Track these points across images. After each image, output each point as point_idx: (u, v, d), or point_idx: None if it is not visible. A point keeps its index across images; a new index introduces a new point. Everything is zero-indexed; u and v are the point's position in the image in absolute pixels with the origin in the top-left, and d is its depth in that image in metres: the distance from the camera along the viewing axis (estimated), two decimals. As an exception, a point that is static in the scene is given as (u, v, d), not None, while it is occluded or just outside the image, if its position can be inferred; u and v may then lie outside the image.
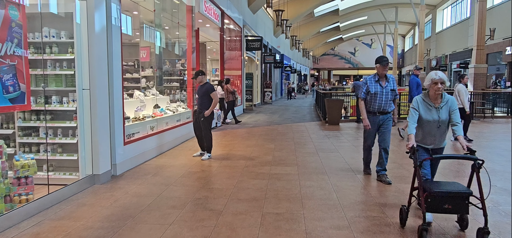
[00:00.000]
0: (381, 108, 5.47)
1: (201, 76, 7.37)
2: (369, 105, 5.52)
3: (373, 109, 5.50)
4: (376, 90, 5.43)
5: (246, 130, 11.32)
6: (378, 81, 5.48)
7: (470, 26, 29.41)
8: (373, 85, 5.48)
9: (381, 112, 5.50)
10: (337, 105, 12.49)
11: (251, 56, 20.38)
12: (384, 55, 5.69)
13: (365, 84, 5.54)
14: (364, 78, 5.65)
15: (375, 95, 5.43)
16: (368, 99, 5.52)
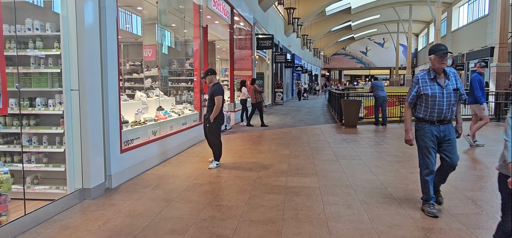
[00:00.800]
0: (442, 115, 3.98)
1: (211, 76, 6.60)
2: (423, 111, 4.05)
3: (431, 117, 4.01)
4: (434, 91, 3.95)
5: (258, 134, 10.52)
6: (435, 78, 3.97)
7: (488, 23, 28.18)
8: (427, 84, 3.98)
9: (442, 121, 4.02)
10: (355, 106, 11.62)
11: (262, 55, 19.58)
12: (442, 43, 4.16)
13: (416, 84, 4.06)
14: (416, 74, 4.16)
15: (432, 99, 3.95)
16: (422, 104, 4.05)
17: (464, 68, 31.88)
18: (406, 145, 8.43)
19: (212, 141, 6.44)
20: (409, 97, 4.15)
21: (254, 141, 9.23)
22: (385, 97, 12.11)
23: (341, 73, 62.90)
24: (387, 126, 11.94)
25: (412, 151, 7.63)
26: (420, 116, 4.10)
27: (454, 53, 34.47)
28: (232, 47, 12.97)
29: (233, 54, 13.04)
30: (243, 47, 15.59)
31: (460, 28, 34.54)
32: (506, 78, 18.38)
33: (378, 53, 56.02)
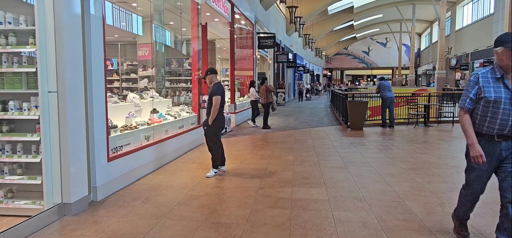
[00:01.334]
0: (506, 128, 2.99)
1: (211, 75, 6.04)
2: (480, 121, 3.10)
3: (490, 130, 3.05)
4: (499, 95, 2.96)
5: (260, 137, 9.97)
6: (502, 78, 2.97)
7: (494, 22, 27.56)
8: (491, 85, 3.01)
9: (506, 137, 3.02)
10: (361, 108, 11.06)
11: (263, 54, 19.03)
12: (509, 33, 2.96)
13: (476, 84, 3.07)
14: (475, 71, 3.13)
15: (495, 105, 2.99)
16: (479, 112, 3.09)
17: (469, 68, 31.25)
18: (419, 149, 8.12)
19: (210, 146, 5.88)
20: (466, 101, 3.12)
21: (256, 145, 8.67)
22: (393, 98, 11.53)
23: (343, 73, 62.31)
24: (395, 128, 11.37)
25: (425, 157, 7.06)
26: (481, 130, 3.11)
27: (458, 53, 33.85)
28: (232, 46, 12.42)
29: (234, 53, 12.49)
30: (244, 46, 15.04)
31: (464, 27, 33.91)
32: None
33: (380, 53, 55.40)
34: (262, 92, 11.74)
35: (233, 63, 12.43)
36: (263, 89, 11.73)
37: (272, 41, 16.39)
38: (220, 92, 5.80)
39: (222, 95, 5.83)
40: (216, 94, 5.76)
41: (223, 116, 5.96)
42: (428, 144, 8.63)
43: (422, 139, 9.30)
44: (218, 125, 5.89)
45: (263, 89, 11.74)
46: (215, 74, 6.06)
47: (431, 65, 42.53)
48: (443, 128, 11.42)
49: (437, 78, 28.12)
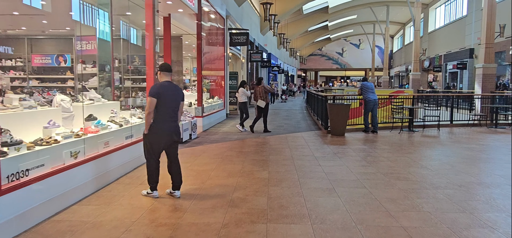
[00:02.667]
0: None
1: (159, 73, 4.64)
2: None
3: None
4: None
5: (229, 145, 8.55)
6: None
7: (467, 25, 27.35)
8: None
9: None
10: (343, 111, 9.84)
11: (236, 52, 17.61)
12: None
13: None
14: None
15: None
16: None
17: (442, 70, 31.05)
18: (413, 161, 6.64)
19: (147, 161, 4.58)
20: None
21: (224, 156, 7.24)
22: (376, 101, 10.41)
23: (317, 74, 61.75)
24: (378, 134, 10.25)
25: (424, 172, 5.87)
26: None
27: (431, 55, 33.67)
28: (200, 41, 10.93)
29: (202, 50, 11.00)
30: (214, 43, 13.58)
31: (437, 29, 33.78)
32: (492, 79, 17.20)
33: (354, 54, 55.13)
34: (260, 92, 10.41)
35: (201, 60, 10.94)
36: (261, 89, 10.41)
37: (245, 38, 15.01)
38: (156, 92, 4.39)
39: (161, 96, 4.41)
40: (151, 94, 4.39)
41: (168, 125, 4.51)
42: (420, 153, 7.49)
43: (411, 147, 8.17)
44: (154, 137, 4.49)
45: (261, 90, 10.42)
46: (165, 71, 4.60)
47: (403, 67, 42.44)
48: (429, 134, 10.41)
49: (412, 80, 27.62)
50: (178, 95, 4.64)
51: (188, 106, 10.91)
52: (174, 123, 4.59)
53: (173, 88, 4.59)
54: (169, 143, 4.59)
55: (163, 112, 4.45)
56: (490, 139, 9.37)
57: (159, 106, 4.44)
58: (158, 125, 4.44)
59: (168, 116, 4.50)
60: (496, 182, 5.31)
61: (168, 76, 4.64)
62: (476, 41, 25.79)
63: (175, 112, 4.59)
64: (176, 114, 4.62)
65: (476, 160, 6.93)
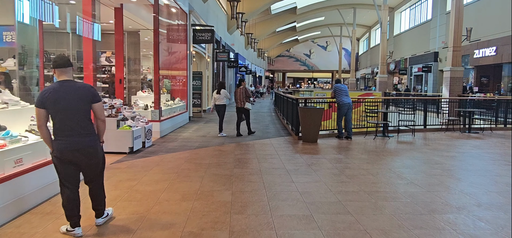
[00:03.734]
0: None
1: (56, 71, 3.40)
2: None
3: None
4: None
5: (189, 155, 7.39)
6: None
7: (431, 28, 27.62)
8: None
9: None
10: (315, 116, 8.94)
11: (200, 51, 16.39)
12: None
13: None
14: None
15: None
16: None
17: (407, 73, 31.29)
18: (398, 176, 5.56)
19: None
20: None
21: (179, 170, 6.09)
22: (350, 104, 9.62)
23: (285, 75, 61.36)
24: (352, 140, 9.46)
25: (411, 189, 5.03)
26: None
27: (397, 58, 33.95)
28: (157, 36, 9.68)
29: (159, 46, 9.74)
30: (175, 39, 12.33)
31: (403, 32, 34.11)
32: (459, 82, 17.06)
33: (321, 56, 55.16)
34: (240, 95, 9.88)
35: (158, 57, 9.68)
36: (241, 92, 9.88)
37: (209, 35, 13.85)
38: (40, 101, 3.27)
39: (51, 103, 3.26)
40: (36, 104, 3.28)
41: (72, 140, 3.33)
42: (402, 164, 6.70)
43: (390, 156, 7.39)
44: (56, 159, 3.34)
45: (241, 92, 9.87)
46: (61, 67, 3.36)
47: (369, 69, 42.78)
48: (405, 139, 9.75)
49: (379, 82, 27.52)
50: (81, 97, 3.36)
51: (143, 109, 9.63)
52: (81, 138, 3.36)
53: (71, 90, 3.33)
54: (83, 164, 3.42)
55: (61, 124, 3.29)
56: (468, 146, 8.81)
57: (53, 116, 3.28)
58: (59, 143, 3.29)
59: (70, 128, 3.30)
60: (496, 203, 4.54)
61: (67, 73, 3.39)
62: (441, 45, 26.08)
63: (82, 122, 3.37)
64: (85, 124, 3.40)
65: (464, 173, 6.21)
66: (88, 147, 3.40)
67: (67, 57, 3.47)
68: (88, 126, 3.42)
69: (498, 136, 10.72)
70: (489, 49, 20.35)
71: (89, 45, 5.65)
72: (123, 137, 7.22)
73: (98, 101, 3.50)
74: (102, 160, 3.61)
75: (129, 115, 7.89)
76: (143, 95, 10.28)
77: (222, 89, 10.01)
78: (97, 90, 3.67)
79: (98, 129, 3.56)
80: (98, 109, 3.51)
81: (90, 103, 3.43)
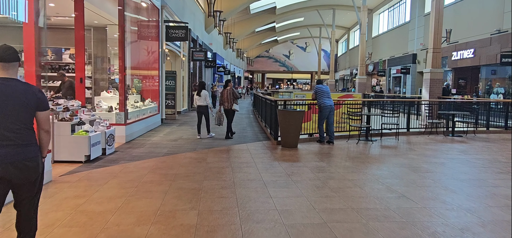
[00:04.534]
0: None
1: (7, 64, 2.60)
2: None
3: None
4: None
5: (155, 164, 6.55)
6: None
7: (410, 30, 27.58)
8: None
9: None
10: (295, 120, 8.25)
11: (174, 49, 15.46)
12: None
13: None
14: None
15: None
16: None
17: (386, 74, 31.23)
18: (386, 187, 4.89)
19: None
20: None
21: (140, 183, 5.25)
22: (333, 107, 9.00)
23: (264, 76, 60.77)
24: (334, 145, 8.84)
25: (404, 204, 4.38)
26: None
27: (375, 59, 33.90)
28: (122, 32, 8.76)
29: (124, 42, 8.81)
30: (145, 36, 11.41)
31: (381, 34, 34.09)
32: (439, 84, 16.83)
33: (300, 57, 54.88)
34: (228, 97, 9.54)
35: (123, 55, 8.76)
36: (229, 93, 9.53)
37: (184, 33, 12.96)
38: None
39: None
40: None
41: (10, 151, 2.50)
42: (390, 173, 6.08)
43: (376, 164, 6.78)
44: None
45: (229, 94, 9.53)
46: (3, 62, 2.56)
47: (348, 71, 42.72)
48: (389, 144, 9.22)
49: (358, 83, 27.27)
50: (24, 102, 2.59)
51: (107, 111, 8.70)
52: (18, 149, 2.55)
53: (12, 91, 2.55)
54: (16, 181, 2.58)
55: None
56: (455, 151, 8.34)
57: None
58: None
59: (5, 137, 2.49)
60: (500, 221, 3.96)
61: (9, 70, 2.58)
62: (419, 47, 26.04)
63: (21, 131, 2.56)
64: (25, 133, 2.58)
65: (457, 183, 5.64)
66: (26, 159, 2.57)
67: (12, 49, 2.63)
68: (29, 136, 2.60)
69: (482, 139, 10.36)
70: (467, 51, 20.31)
71: (31, 34, 4.73)
72: (78, 144, 6.30)
73: (45, 109, 2.70)
74: (40, 178, 2.78)
75: (88, 119, 6.98)
76: (107, 96, 9.33)
77: (203, 90, 9.55)
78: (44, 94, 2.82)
79: (40, 141, 2.74)
80: (43, 119, 2.70)
81: (34, 110, 2.62)
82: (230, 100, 9.51)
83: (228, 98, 9.52)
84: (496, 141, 9.99)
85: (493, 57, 18.12)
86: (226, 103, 9.54)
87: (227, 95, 9.54)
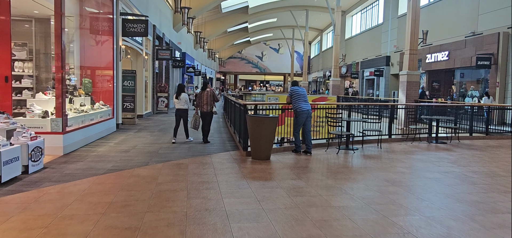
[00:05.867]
0: None
1: None
2: None
3: None
4: None
5: (86, 187, 5.07)
6: None
7: (383, 32, 27.10)
8: None
9: None
10: (268, 127, 6.98)
11: (135, 46, 13.86)
12: None
13: None
14: None
15: None
16: None
17: (359, 76, 30.69)
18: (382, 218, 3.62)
19: None
20: None
21: (55, 219, 3.81)
22: (310, 112, 7.82)
23: (237, 78, 59.42)
24: (312, 155, 7.67)
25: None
26: None
27: (348, 62, 33.36)
28: (59, 21, 7.20)
29: (62, 34, 7.24)
30: (95, 29, 9.82)
31: (354, 36, 33.59)
32: (416, 87, 16.12)
33: (273, 59, 53.91)
34: (208, 99, 9.10)
35: (61, 49, 7.18)
36: (209, 95, 9.10)
37: (143, 27, 11.43)
38: None
39: None
40: None
41: None
42: (387, 199, 4.93)
43: (368, 184, 5.62)
44: None
45: (208, 96, 9.09)
46: None
47: (321, 73, 42.12)
48: (372, 153, 8.15)
49: (332, 86, 26.48)
50: None
51: (41, 117, 7.11)
52: None
53: None
54: None
55: None
56: (446, 163, 7.35)
57: None
58: None
59: None
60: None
61: None
62: (392, 49, 25.56)
63: None
64: None
65: (465, 208, 4.56)
66: None
67: None
68: None
69: (468, 147, 9.52)
70: (441, 53, 19.87)
71: None
72: (-17, 163, 4.76)
73: None
74: None
75: (4, 127, 5.42)
76: (44, 98, 7.71)
77: (182, 93, 9.19)
78: None
79: None
80: None
81: None
82: (210, 103, 9.10)
83: (208, 101, 9.07)
84: (483, 149, 9.15)
85: (468, 60, 17.67)
86: (205, 105, 9.10)
87: (207, 97, 9.08)
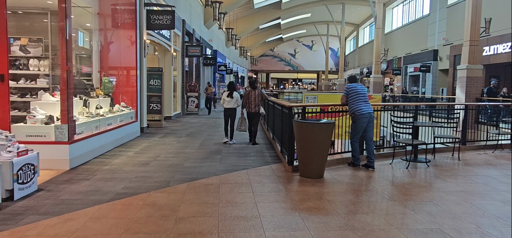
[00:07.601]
0: None
1: None
2: None
3: None
4: None
5: (80, 225, 3.66)
6: None
7: (429, 24, 24.50)
8: None
9: None
10: (321, 137, 5.31)
11: (162, 42, 12.59)
12: None
13: None
14: None
15: None
16: None
17: (402, 73, 28.14)
18: None
19: None
20: None
21: None
22: (372, 115, 6.09)
23: (269, 76, 57.79)
24: (375, 170, 5.94)
25: None
26: None
27: (389, 57, 30.84)
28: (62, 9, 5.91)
29: (67, 24, 5.95)
30: (116, 22, 8.56)
31: (395, 30, 30.99)
32: (477, 84, 13.82)
33: (306, 56, 51.77)
34: (256, 99, 8.66)
35: (66, 43, 5.90)
36: (257, 94, 8.67)
37: (169, 19, 10.07)
38: None
39: None
40: None
41: None
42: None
43: (471, 218, 3.86)
44: None
45: (256, 95, 8.65)
46: None
47: (357, 70, 39.65)
48: (449, 166, 6.28)
49: (374, 83, 24.30)
50: None
51: (43, 123, 5.85)
52: None
53: None
54: None
55: None
56: None
57: None
58: None
59: None
60: None
61: None
62: (441, 42, 22.98)
63: None
64: None
65: None
66: None
67: None
68: None
69: None
70: (502, 45, 17.29)
71: None
72: None
73: None
74: None
75: (-17, 140, 4.13)
76: (52, 100, 6.46)
77: (234, 91, 8.81)
78: None
79: None
80: None
81: None
82: (258, 103, 8.70)
83: (256, 100, 8.66)
84: None
85: (539, 52, 15.07)
86: (253, 106, 8.65)
87: (255, 97, 8.66)
